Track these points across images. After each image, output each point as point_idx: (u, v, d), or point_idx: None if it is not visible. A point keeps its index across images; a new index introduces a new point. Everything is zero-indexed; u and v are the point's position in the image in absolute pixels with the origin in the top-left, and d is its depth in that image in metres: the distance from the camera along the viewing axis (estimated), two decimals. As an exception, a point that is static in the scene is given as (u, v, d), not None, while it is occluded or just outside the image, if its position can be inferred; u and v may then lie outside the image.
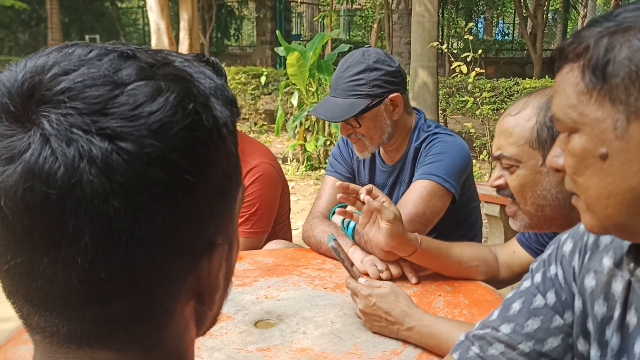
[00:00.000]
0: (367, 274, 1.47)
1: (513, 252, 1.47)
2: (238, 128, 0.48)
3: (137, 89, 0.38)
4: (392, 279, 1.46)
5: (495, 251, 1.51)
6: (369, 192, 1.34)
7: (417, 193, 1.54)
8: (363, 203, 1.37)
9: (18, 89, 0.38)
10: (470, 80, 5.06)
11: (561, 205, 1.14)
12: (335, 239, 1.34)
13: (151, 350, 0.45)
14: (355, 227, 1.58)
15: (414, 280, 1.45)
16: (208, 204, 0.42)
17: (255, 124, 8.77)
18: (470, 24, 7.99)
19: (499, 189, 1.22)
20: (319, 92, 6.30)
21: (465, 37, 5.79)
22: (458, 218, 1.71)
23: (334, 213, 1.77)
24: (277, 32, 6.98)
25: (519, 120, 1.16)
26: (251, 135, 7.89)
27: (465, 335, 0.92)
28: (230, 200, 0.46)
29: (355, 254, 1.57)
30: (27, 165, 0.36)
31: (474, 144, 6.04)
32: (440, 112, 6.83)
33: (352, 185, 1.38)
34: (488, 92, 5.83)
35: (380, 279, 1.49)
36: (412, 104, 6.84)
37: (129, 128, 0.37)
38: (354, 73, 1.61)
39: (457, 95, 6.64)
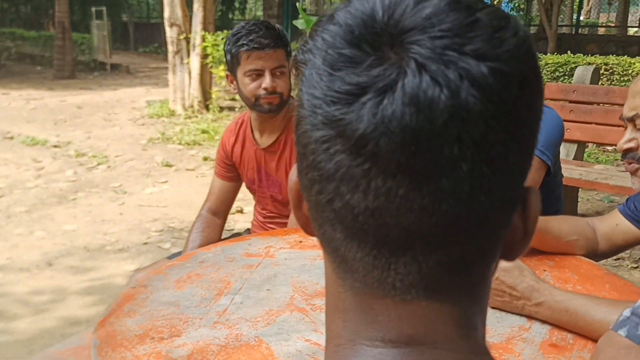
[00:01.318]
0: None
1: (616, 225, 1.43)
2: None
3: (490, 14, 0.37)
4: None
5: (592, 224, 1.47)
6: None
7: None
8: None
9: (378, 18, 0.37)
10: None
11: None
12: None
13: (477, 303, 0.42)
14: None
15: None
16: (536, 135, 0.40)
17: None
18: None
19: (628, 151, 1.18)
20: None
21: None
22: (545, 191, 1.66)
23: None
24: (297, 4, 6.87)
25: None
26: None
27: (632, 312, 0.88)
28: None
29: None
30: (408, 92, 0.34)
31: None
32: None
33: None
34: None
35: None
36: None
37: (495, 50, 0.36)
38: None
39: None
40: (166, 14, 8.20)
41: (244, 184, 2.10)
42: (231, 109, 8.41)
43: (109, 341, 1.12)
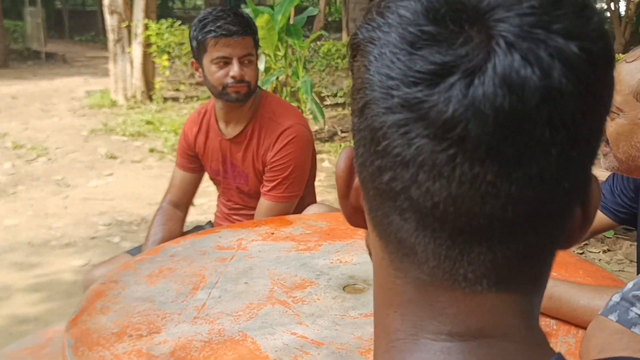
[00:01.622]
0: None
1: None
2: (192, 95, 0.43)
3: None
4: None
5: None
6: None
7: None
8: None
9: None
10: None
11: None
12: None
13: (538, 292, 0.41)
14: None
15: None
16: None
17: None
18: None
19: None
20: (287, 57, 6.16)
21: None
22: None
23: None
24: (244, -7, 6.76)
25: (631, 68, 1.13)
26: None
27: (622, 297, 0.89)
28: None
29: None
30: (500, 72, 0.33)
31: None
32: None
33: None
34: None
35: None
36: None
37: (583, 28, 0.35)
38: None
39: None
40: (106, 1, 7.93)
41: (206, 175, 2.05)
42: (175, 99, 8.23)
43: (84, 340, 1.06)
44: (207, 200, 3.96)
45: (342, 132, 6.34)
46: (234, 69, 1.71)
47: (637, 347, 0.84)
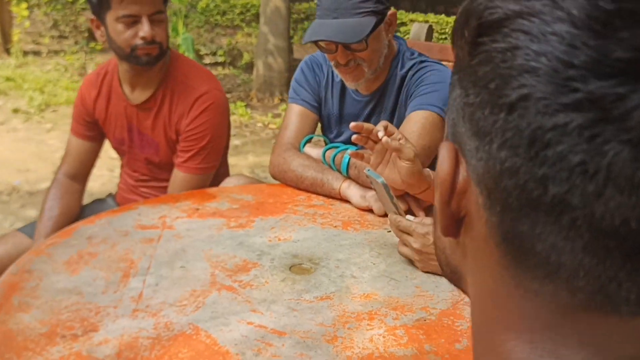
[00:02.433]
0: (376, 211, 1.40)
1: None
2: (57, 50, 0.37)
3: None
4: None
5: None
6: (385, 130, 1.25)
7: (419, 124, 1.47)
8: (375, 142, 1.29)
9: None
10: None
11: None
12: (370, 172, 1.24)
13: None
14: (349, 161, 1.49)
15: (421, 214, 1.41)
16: None
17: (76, 42, 7.88)
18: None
19: None
20: (164, 12, 5.81)
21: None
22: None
23: (305, 144, 1.65)
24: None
25: None
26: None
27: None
28: None
29: (351, 190, 1.48)
30: None
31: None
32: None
33: (365, 125, 1.27)
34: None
35: (385, 214, 1.43)
36: (264, 29, 6.64)
37: None
38: None
39: (308, 22, 6.58)
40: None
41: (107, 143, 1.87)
42: (37, 53, 7.53)
43: (7, 344, 0.91)
44: (107, 172, 3.67)
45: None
46: (144, 28, 1.54)
47: None
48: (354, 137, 1.29)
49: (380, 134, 1.23)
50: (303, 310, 1.03)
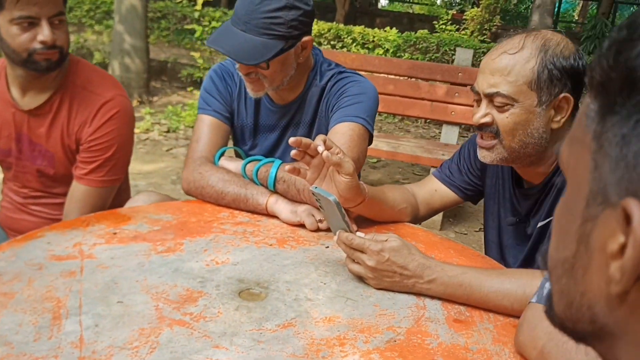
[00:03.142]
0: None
1: (435, 191, 1.52)
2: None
3: None
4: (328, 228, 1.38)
5: (412, 190, 1.54)
6: (324, 144, 1.22)
7: (347, 136, 1.45)
8: (312, 157, 1.26)
9: None
10: (198, 8, 4.84)
11: (543, 145, 1.23)
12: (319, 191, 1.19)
13: None
14: (277, 175, 1.43)
15: (354, 228, 1.39)
16: None
17: None
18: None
19: (483, 126, 1.25)
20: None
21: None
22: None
23: (220, 157, 1.57)
24: None
25: (518, 59, 1.19)
26: None
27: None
28: None
29: (279, 205, 1.43)
30: None
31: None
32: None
33: (304, 140, 1.23)
34: (219, 22, 5.68)
35: (318, 229, 1.40)
36: (119, 28, 6.30)
37: None
38: (272, 9, 1.39)
39: (165, 21, 6.30)
40: None
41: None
42: None
43: None
44: None
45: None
46: (45, 32, 1.37)
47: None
48: (292, 152, 1.24)
49: (320, 148, 1.20)
50: (269, 341, 0.97)
